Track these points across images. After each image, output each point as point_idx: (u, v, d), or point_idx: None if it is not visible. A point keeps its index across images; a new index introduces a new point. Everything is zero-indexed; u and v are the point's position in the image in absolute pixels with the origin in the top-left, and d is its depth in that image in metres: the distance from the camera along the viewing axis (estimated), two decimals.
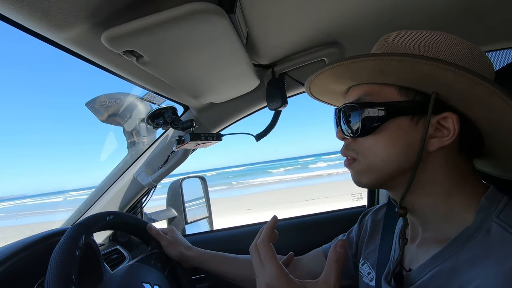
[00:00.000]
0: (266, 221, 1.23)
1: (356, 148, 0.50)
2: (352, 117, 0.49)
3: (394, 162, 0.47)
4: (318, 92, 0.61)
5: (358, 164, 0.50)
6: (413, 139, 0.45)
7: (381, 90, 0.48)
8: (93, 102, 1.19)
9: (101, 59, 0.61)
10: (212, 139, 0.93)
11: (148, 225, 0.84)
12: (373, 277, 0.60)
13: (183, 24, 0.50)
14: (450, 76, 0.39)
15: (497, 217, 0.41)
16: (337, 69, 0.49)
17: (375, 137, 0.47)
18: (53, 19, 0.45)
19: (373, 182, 0.50)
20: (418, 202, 0.49)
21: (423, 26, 0.78)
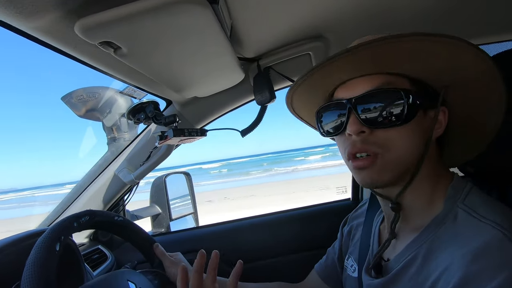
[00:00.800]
0: (252, 217, 1.24)
1: (377, 140, 0.46)
2: (381, 105, 0.45)
3: (413, 153, 0.46)
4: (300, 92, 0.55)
5: (381, 161, 0.46)
6: (424, 130, 0.47)
7: (396, 80, 0.46)
8: (69, 96, 1.14)
9: (76, 51, 0.57)
10: (196, 135, 0.91)
11: (155, 244, 0.81)
12: (355, 268, 0.62)
13: (163, 14, 0.47)
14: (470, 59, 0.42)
15: (462, 203, 0.45)
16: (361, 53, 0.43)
17: (404, 128, 0.45)
18: (18, 6, 0.41)
19: (391, 179, 0.47)
20: (408, 196, 0.49)
21: (406, 21, 0.79)
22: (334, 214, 1.21)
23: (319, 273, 0.78)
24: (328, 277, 0.75)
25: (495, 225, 0.39)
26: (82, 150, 1.46)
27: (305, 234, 1.18)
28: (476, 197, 0.45)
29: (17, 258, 0.65)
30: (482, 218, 0.41)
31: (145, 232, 0.84)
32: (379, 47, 0.42)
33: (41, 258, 0.52)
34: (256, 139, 63.92)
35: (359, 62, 0.45)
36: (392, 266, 0.49)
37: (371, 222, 0.65)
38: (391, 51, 0.42)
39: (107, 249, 1.09)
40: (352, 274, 0.62)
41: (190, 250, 1.13)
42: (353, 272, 0.62)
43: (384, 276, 0.50)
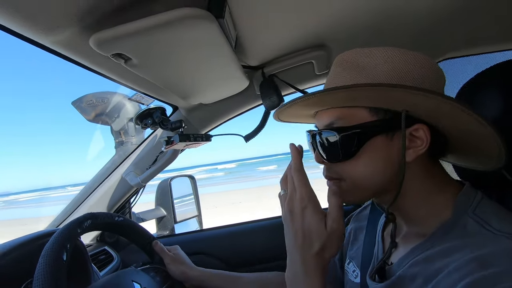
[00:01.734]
0: (254, 220, 1.25)
1: (338, 170, 0.51)
2: (329, 143, 0.49)
3: (377, 177, 0.49)
4: (286, 116, 0.62)
5: (345, 186, 0.50)
6: (391, 154, 0.47)
7: (352, 113, 0.49)
8: (79, 101, 1.17)
9: (90, 62, 0.60)
10: (201, 140, 0.94)
11: (154, 241, 0.84)
12: (357, 274, 0.62)
13: (172, 29, 0.50)
14: (420, 98, 0.42)
15: (472, 213, 0.44)
16: (309, 101, 0.49)
17: (355, 160, 0.48)
18: (41, 23, 0.45)
19: (359, 199, 0.52)
20: (402, 204, 0.51)
21: (406, 31, 0.81)
22: None
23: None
24: (328, 276, 0.76)
25: (509, 235, 0.39)
26: (91, 152, 1.49)
27: None
28: (488, 206, 0.45)
29: (28, 257, 0.67)
30: (495, 230, 0.40)
31: (145, 230, 0.86)
32: (326, 96, 0.46)
33: (49, 269, 0.53)
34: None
35: (313, 104, 0.51)
36: (396, 269, 0.50)
37: (374, 227, 0.65)
38: (336, 97, 0.47)
39: (113, 250, 1.12)
40: (354, 280, 0.63)
41: (194, 252, 1.16)
42: (355, 278, 0.62)
43: (388, 279, 0.50)
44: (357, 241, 0.69)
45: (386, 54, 0.48)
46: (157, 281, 0.76)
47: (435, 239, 0.46)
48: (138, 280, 0.71)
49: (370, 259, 0.60)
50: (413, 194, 0.49)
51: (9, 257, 0.66)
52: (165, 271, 0.82)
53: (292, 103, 0.51)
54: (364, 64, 0.49)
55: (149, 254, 0.86)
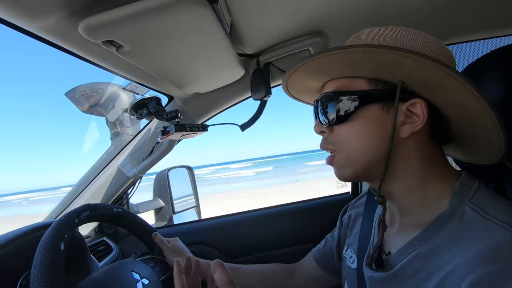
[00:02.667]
0: (250, 210, 1.26)
1: (333, 140, 0.52)
2: (328, 106, 0.51)
3: (369, 151, 0.49)
4: (295, 90, 0.63)
5: (337, 158, 0.52)
6: (385, 127, 0.47)
7: (352, 82, 0.50)
8: (73, 92, 1.15)
9: (80, 49, 0.58)
10: (197, 130, 0.93)
11: (153, 233, 0.84)
12: (354, 260, 0.63)
13: (164, 14, 0.49)
14: (410, 63, 0.42)
15: (470, 201, 0.44)
16: (308, 65, 0.51)
17: (349, 126, 0.49)
18: (25, 8, 0.43)
19: (353, 174, 0.52)
20: (395, 190, 0.51)
21: (404, 18, 0.79)
22: (334, 208, 1.22)
23: (314, 257, 0.79)
24: (323, 262, 0.77)
25: (506, 226, 0.38)
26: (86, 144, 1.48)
27: (306, 226, 1.21)
28: (485, 195, 0.45)
29: (25, 249, 0.67)
30: (492, 218, 0.40)
31: (144, 222, 0.86)
32: (322, 59, 0.48)
33: (47, 258, 0.53)
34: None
35: (316, 72, 0.53)
36: (394, 261, 0.49)
37: (371, 214, 0.66)
38: (332, 61, 0.48)
39: (112, 241, 1.12)
40: (351, 265, 0.63)
41: (192, 242, 1.16)
42: (352, 263, 0.63)
43: (386, 270, 0.50)
44: (354, 228, 0.70)
45: (395, 33, 0.48)
46: (157, 271, 0.77)
47: (433, 230, 0.45)
48: (137, 270, 0.71)
49: (366, 246, 0.61)
50: (407, 176, 0.49)
51: (6, 249, 0.66)
52: (165, 262, 0.82)
53: (294, 69, 0.53)
54: (371, 42, 0.50)
55: (149, 245, 0.86)
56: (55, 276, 0.52)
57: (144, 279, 0.71)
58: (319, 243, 0.82)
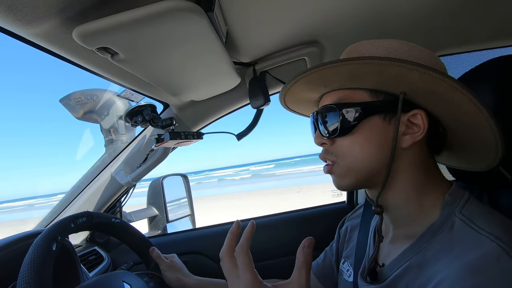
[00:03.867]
0: (248, 219, 1.25)
1: (334, 151, 0.52)
2: (330, 118, 0.51)
3: (371, 161, 0.49)
4: (292, 101, 0.63)
5: (338, 167, 0.52)
6: (387, 138, 0.48)
7: (354, 94, 0.50)
8: (67, 99, 1.15)
9: (74, 56, 0.58)
10: (192, 138, 0.92)
11: (151, 248, 0.83)
12: (351, 273, 0.62)
13: (159, 22, 0.49)
14: (415, 75, 0.42)
15: (459, 213, 0.44)
16: (311, 76, 0.50)
17: (352, 138, 0.49)
18: (19, 13, 0.42)
19: (353, 183, 0.52)
20: (391, 200, 0.51)
21: (400, 29, 0.80)
22: (330, 217, 1.22)
23: (314, 272, 0.78)
24: (323, 277, 0.76)
25: (493, 238, 0.38)
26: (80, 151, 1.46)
27: (302, 236, 1.18)
28: (474, 206, 0.45)
29: (14, 258, 0.65)
30: (480, 230, 0.40)
31: (142, 235, 0.84)
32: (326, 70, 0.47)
33: (38, 257, 0.52)
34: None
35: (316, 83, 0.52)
36: (387, 273, 0.49)
37: (367, 226, 0.65)
38: (336, 73, 0.48)
39: (103, 250, 1.10)
40: (347, 278, 0.62)
41: (187, 252, 1.14)
42: (348, 277, 0.62)
43: (380, 282, 0.50)
44: (351, 240, 0.69)
45: (390, 45, 0.49)
46: (150, 287, 0.75)
47: (424, 241, 0.45)
48: (129, 281, 0.70)
49: (362, 258, 0.60)
50: (405, 186, 0.49)
51: None
52: (160, 278, 0.80)
53: (296, 79, 0.52)
54: (368, 54, 0.50)
55: (145, 260, 0.84)
56: (43, 275, 0.50)
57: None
58: (318, 257, 0.81)
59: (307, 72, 0.49)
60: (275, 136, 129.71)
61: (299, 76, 0.51)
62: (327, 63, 0.46)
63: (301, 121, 5.35)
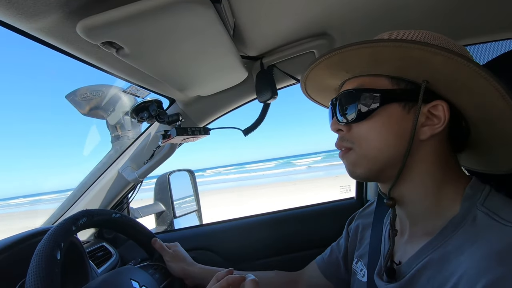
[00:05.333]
0: (252, 215, 1.24)
1: (350, 138, 0.50)
2: (347, 103, 0.50)
3: (388, 150, 0.47)
4: (313, 88, 0.61)
5: (353, 154, 0.50)
6: (406, 128, 0.46)
7: (374, 81, 0.49)
8: (73, 95, 1.14)
9: (78, 51, 0.57)
10: (199, 133, 0.91)
11: (153, 239, 0.83)
12: (365, 273, 0.60)
13: (165, 14, 0.47)
14: (439, 60, 0.41)
15: (481, 205, 0.43)
16: (332, 60, 0.49)
17: (369, 124, 0.48)
18: (21, 8, 0.41)
19: (367, 172, 0.50)
20: (408, 194, 0.49)
21: (412, 19, 0.77)
22: (339, 213, 1.20)
23: (319, 267, 0.77)
24: (329, 272, 0.75)
25: None
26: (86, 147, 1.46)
27: (310, 232, 1.18)
28: (496, 198, 0.44)
29: (23, 255, 0.65)
30: (505, 222, 0.39)
31: (144, 227, 0.84)
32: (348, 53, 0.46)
33: (43, 270, 0.50)
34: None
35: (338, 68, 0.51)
36: (406, 270, 0.48)
37: (380, 224, 0.64)
38: (358, 56, 0.47)
39: (111, 246, 1.10)
40: (361, 279, 0.61)
41: (194, 247, 1.14)
42: (362, 277, 0.61)
43: (398, 280, 0.49)
44: (364, 239, 0.68)
45: (417, 34, 0.47)
46: (156, 279, 0.75)
47: (444, 236, 0.44)
48: (137, 278, 0.69)
49: (377, 257, 0.58)
50: (422, 180, 0.48)
51: (3, 256, 0.65)
52: (164, 268, 0.80)
53: (317, 63, 0.51)
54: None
55: (148, 251, 0.84)
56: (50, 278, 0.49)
57: (143, 287, 0.69)
58: (324, 252, 0.80)
59: (328, 54, 0.48)
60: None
61: (321, 58, 0.49)
62: (349, 45, 0.45)
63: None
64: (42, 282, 0.49)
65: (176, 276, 0.80)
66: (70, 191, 1.14)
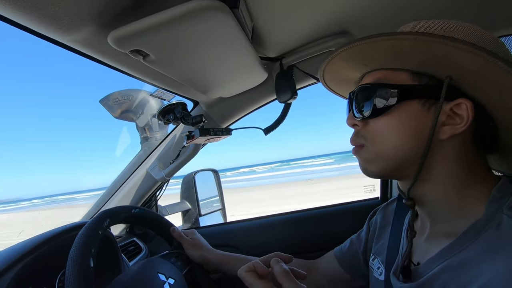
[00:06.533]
0: (276, 214, 1.24)
1: (365, 134, 0.49)
2: (364, 98, 0.48)
3: (404, 149, 0.45)
4: (331, 80, 0.60)
5: (366, 151, 0.49)
6: (425, 126, 0.44)
7: (394, 75, 0.47)
8: (106, 99, 1.22)
9: (109, 59, 0.62)
10: (221, 134, 0.94)
11: (171, 228, 0.86)
12: (382, 271, 0.59)
13: (187, 21, 0.50)
14: (466, 56, 0.38)
15: (508, 210, 0.40)
16: (350, 52, 0.47)
17: (385, 121, 0.46)
18: (61, 22, 0.46)
19: (381, 170, 0.48)
20: (429, 195, 0.47)
21: (434, 14, 0.74)
22: (362, 213, 1.17)
23: (338, 258, 0.76)
24: (346, 263, 0.74)
25: None
26: (118, 148, 1.55)
27: (333, 232, 1.17)
28: None
29: (63, 247, 0.71)
30: None
31: (163, 218, 0.88)
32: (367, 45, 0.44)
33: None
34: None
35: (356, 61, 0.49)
36: (423, 271, 0.46)
37: (401, 222, 0.62)
38: (377, 49, 0.45)
39: (141, 241, 1.16)
40: (378, 277, 0.60)
41: (218, 244, 1.17)
42: (379, 275, 0.60)
43: (413, 281, 0.47)
44: (382, 237, 0.66)
45: (447, 25, 0.44)
46: (178, 266, 0.78)
47: (466, 240, 0.42)
48: (162, 271, 0.73)
49: (395, 256, 0.57)
50: (443, 180, 0.45)
51: (46, 247, 0.71)
52: (185, 255, 0.84)
53: (335, 55, 0.50)
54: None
55: (168, 240, 0.88)
56: (86, 268, 0.53)
57: (170, 279, 0.73)
58: (343, 243, 0.79)
59: (347, 46, 0.46)
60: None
61: (340, 49, 0.48)
62: (368, 37, 0.43)
63: None
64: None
65: (196, 262, 0.83)
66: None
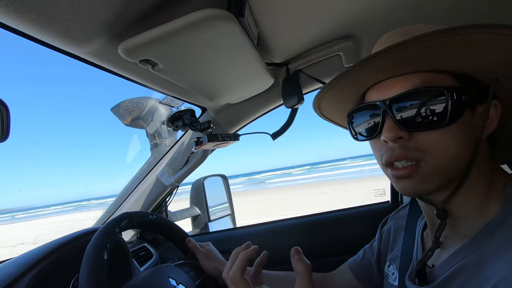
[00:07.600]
0: (285, 219, 1.24)
1: (418, 146, 0.42)
2: (428, 103, 0.40)
3: (463, 156, 0.42)
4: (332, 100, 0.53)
5: (424, 167, 0.42)
6: (473, 129, 0.42)
7: (438, 78, 0.41)
8: (117, 107, 1.25)
9: (119, 69, 0.64)
10: (229, 139, 0.95)
11: (187, 238, 0.87)
12: (396, 276, 0.59)
13: (194, 31, 0.51)
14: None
15: None
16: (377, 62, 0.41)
17: (446, 128, 0.41)
18: (73, 36, 0.48)
19: (436, 188, 0.43)
20: (462, 202, 0.45)
21: (441, 18, 0.74)
22: (373, 217, 1.16)
23: (352, 269, 0.76)
24: (361, 274, 0.73)
25: None
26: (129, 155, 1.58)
27: (343, 236, 1.16)
28: None
29: (77, 253, 0.73)
30: None
31: (178, 227, 0.89)
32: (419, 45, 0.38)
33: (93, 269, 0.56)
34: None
35: (398, 60, 0.40)
36: (438, 273, 0.45)
37: (413, 227, 0.61)
38: (432, 48, 0.38)
39: (152, 247, 1.18)
40: (393, 282, 0.59)
41: (227, 250, 1.17)
42: (394, 281, 0.59)
43: (429, 284, 0.46)
44: (396, 243, 0.66)
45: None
46: (191, 276, 0.79)
47: (481, 239, 0.41)
48: (174, 276, 0.74)
49: (409, 261, 0.56)
50: (475, 183, 0.44)
51: (61, 252, 0.72)
52: (198, 266, 0.84)
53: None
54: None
55: (183, 250, 0.89)
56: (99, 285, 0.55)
57: (180, 285, 0.73)
58: (356, 254, 0.78)
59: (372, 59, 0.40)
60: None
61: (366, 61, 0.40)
62: (404, 43, 0.37)
63: None
64: (92, 280, 0.55)
65: (209, 274, 0.84)
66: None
